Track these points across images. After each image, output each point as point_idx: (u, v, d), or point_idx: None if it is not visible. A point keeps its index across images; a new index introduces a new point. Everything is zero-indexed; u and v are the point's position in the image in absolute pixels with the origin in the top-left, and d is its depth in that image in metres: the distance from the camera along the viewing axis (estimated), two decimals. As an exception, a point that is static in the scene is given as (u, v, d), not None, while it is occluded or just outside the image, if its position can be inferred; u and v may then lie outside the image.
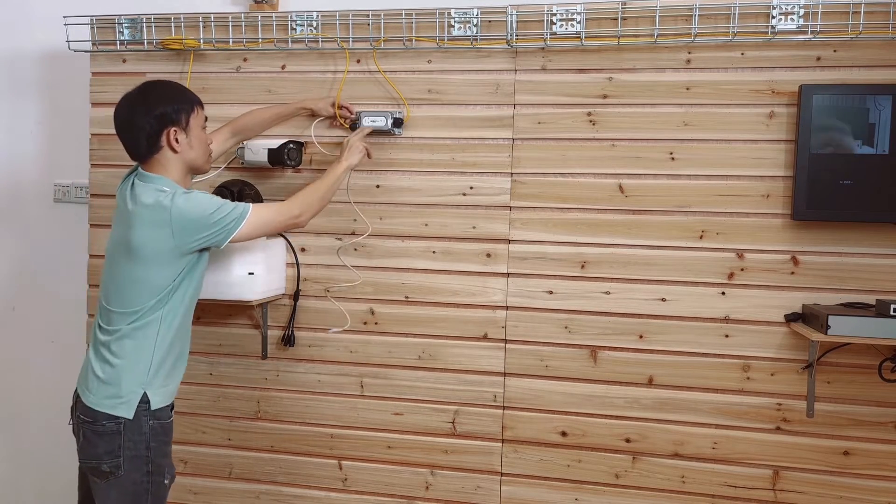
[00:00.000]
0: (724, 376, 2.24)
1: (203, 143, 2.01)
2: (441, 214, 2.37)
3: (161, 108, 1.93)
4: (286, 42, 2.42)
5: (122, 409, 1.88)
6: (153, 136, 1.92)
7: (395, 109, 2.37)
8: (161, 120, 1.92)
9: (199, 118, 2.00)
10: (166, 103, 1.94)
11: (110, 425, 1.88)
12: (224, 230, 1.91)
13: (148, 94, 1.95)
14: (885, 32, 2.10)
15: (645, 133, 2.25)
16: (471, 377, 2.38)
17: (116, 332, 1.91)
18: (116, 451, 1.88)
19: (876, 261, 2.16)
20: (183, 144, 1.95)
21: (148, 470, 1.91)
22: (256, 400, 2.52)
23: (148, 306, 1.90)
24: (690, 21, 2.19)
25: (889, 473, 2.17)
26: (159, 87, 1.99)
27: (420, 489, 2.43)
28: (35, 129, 2.89)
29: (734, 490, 2.26)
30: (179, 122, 1.94)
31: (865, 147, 2.09)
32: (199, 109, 2.01)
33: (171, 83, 2.03)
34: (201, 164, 2.02)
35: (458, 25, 2.32)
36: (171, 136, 1.93)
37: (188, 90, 2.02)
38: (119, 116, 1.95)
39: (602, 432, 2.32)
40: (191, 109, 1.97)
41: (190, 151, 1.97)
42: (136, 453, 1.89)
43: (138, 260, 1.88)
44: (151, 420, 1.91)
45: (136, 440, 1.89)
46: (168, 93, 1.97)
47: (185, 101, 1.97)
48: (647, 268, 2.27)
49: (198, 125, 1.99)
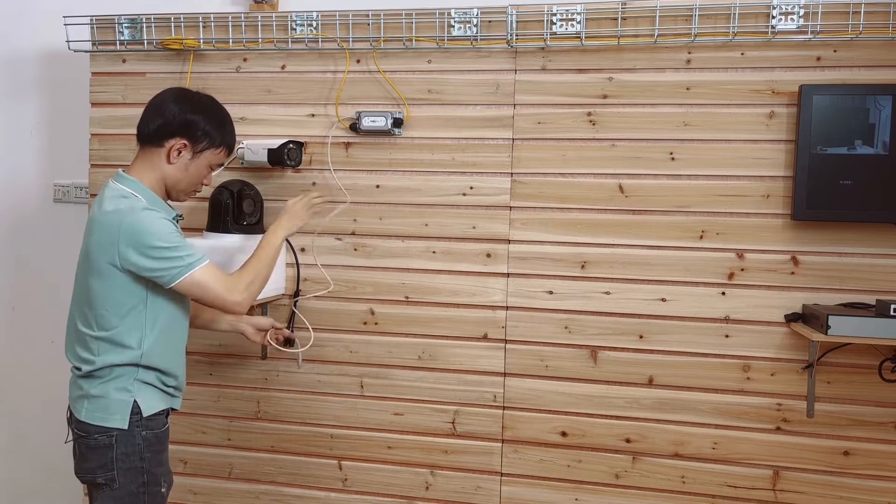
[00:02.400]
0: (724, 376, 2.24)
1: (196, 179, 1.94)
2: (441, 214, 2.37)
3: (194, 118, 1.88)
4: (286, 42, 2.42)
5: (115, 421, 1.84)
6: (165, 132, 1.87)
7: (395, 109, 2.37)
8: (184, 126, 1.87)
9: (216, 158, 1.94)
10: (203, 119, 1.89)
11: (102, 439, 1.85)
12: (169, 272, 1.80)
13: (201, 101, 1.93)
14: (885, 32, 2.10)
15: (645, 133, 2.25)
16: (471, 377, 2.38)
17: (95, 351, 1.86)
18: (109, 464, 1.84)
19: (876, 261, 2.16)
20: (180, 162, 1.89)
21: (143, 481, 1.87)
22: (256, 400, 2.52)
23: (117, 328, 1.84)
24: (690, 21, 2.19)
25: (889, 473, 2.17)
26: (214, 106, 1.96)
27: (420, 489, 2.43)
28: (35, 129, 2.89)
29: (734, 490, 2.26)
30: (196, 143, 1.89)
31: (865, 147, 2.09)
32: (224, 152, 1.95)
33: (228, 115, 1.98)
34: (178, 191, 1.94)
35: (458, 25, 2.32)
36: (177, 146, 1.87)
37: (232, 131, 1.97)
38: (161, 95, 1.92)
39: (602, 432, 2.32)
40: (216, 145, 1.92)
41: (179, 172, 1.89)
42: (130, 465, 1.85)
43: (94, 272, 1.83)
44: (145, 431, 1.87)
45: (129, 452, 1.85)
46: (213, 115, 1.93)
47: (217, 132, 1.91)
48: (647, 268, 2.27)
49: (207, 162, 1.93)
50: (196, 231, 2.45)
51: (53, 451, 2.87)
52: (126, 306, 1.85)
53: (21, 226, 2.92)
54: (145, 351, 1.87)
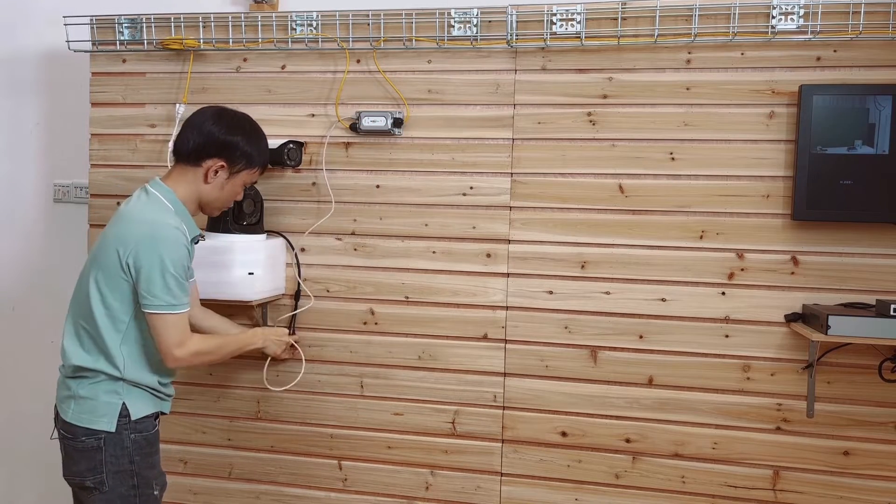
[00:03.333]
0: (724, 376, 2.24)
1: (231, 197, 2.00)
2: (441, 214, 2.37)
3: (234, 139, 1.92)
4: (286, 42, 2.42)
5: (102, 423, 1.84)
6: (203, 152, 1.91)
7: (395, 109, 2.37)
8: (223, 147, 1.91)
9: (251, 177, 2.00)
10: (242, 141, 1.93)
11: (90, 441, 1.84)
12: (153, 299, 1.82)
13: (239, 122, 1.97)
14: (885, 32, 2.10)
15: (645, 133, 2.25)
16: (471, 377, 2.38)
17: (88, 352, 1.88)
18: (98, 467, 1.84)
19: (876, 261, 2.16)
20: (217, 182, 1.93)
21: (134, 483, 1.86)
22: (256, 400, 2.52)
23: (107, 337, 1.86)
24: (690, 21, 2.19)
25: (889, 473, 2.17)
26: (252, 126, 2.00)
27: (420, 489, 2.43)
28: (35, 129, 2.89)
29: (734, 490, 2.26)
30: (233, 164, 1.93)
31: (865, 147, 2.09)
32: (259, 171, 2.01)
33: (263, 134, 2.03)
34: (212, 209, 2.02)
35: (458, 25, 2.32)
36: (215, 167, 1.91)
37: (267, 149, 2.04)
38: (201, 114, 1.96)
39: (602, 432, 2.32)
40: (253, 166, 1.97)
41: (215, 192, 1.95)
42: (119, 468, 1.85)
43: (100, 267, 1.85)
44: (133, 434, 1.86)
45: (119, 455, 1.85)
46: (251, 136, 1.97)
47: (255, 153, 1.97)
48: (647, 268, 2.27)
49: (242, 181, 1.98)
50: (196, 231, 2.46)
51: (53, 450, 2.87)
52: (114, 314, 1.86)
53: (21, 226, 2.92)
54: (127, 366, 1.88)
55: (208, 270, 2.26)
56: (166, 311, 1.83)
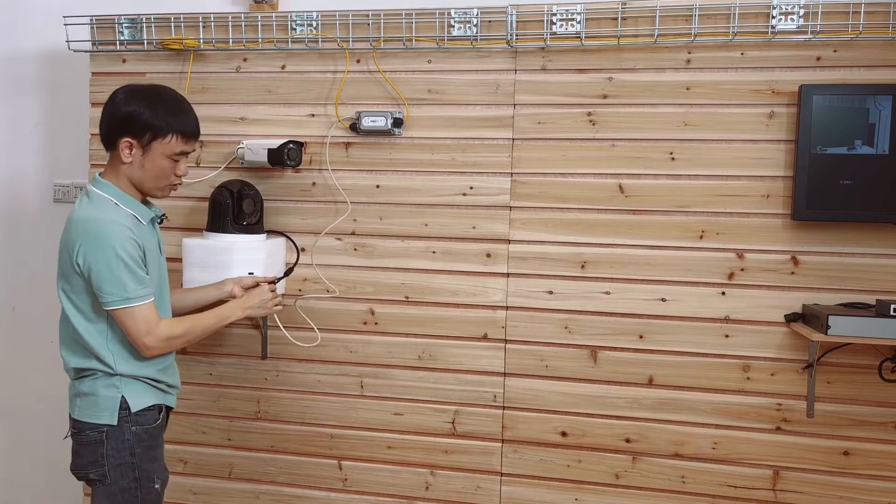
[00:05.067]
0: (724, 376, 2.24)
1: (159, 173, 1.88)
2: (441, 214, 2.37)
3: (130, 110, 1.83)
4: (286, 42, 2.42)
5: (104, 417, 1.86)
6: (112, 133, 1.85)
7: (395, 109, 2.37)
8: (124, 122, 1.83)
9: (169, 148, 1.86)
10: (142, 110, 1.83)
11: (93, 434, 1.86)
12: (110, 296, 1.80)
13: (140, 92, 1.87)
14: (885, 32, 2.10)
15: (645, 133, 2.25)
16: (471, 377, 2.38)
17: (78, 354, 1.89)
18: (100, 460, 1.86)
19: (876, 261, 2.16)
20: (134, 160, 1.85)
21: (135, 476, 1.87)
22: (256, 400, 2.52)
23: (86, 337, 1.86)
24: (690, 21, 2.19)
25: (889, 473, 2.17)
26: (154, 94, 1.88)
27: (420, 489, 2.43)
28: (35, 129, 2.89)
29: (734, 490, 2.26)
30: (140, 138, 1.84)
31: (865, 147, 2.09)
32: (175, 139, 1.86)
33: (178, 101, 1.90)
34: (148, 189, 1.91)
35: (458, 25, 2.32)
36: (124, 144, 1.84)
37: (181, 115, 1.88)
38: (111, 95, 1.90)
39: (602, 432, 2.32)
40: (161, 134, 1.84)
41: (137, 171, 1.87)
42: (121, 461, 1.86)
43: (62, 275, 1.86)
44: (134, 426, 1.87)
45: (120, 448, 1.86)
46: (153, 104, 1.85)
47: (160, 121, 1.84)
48: (647, 268, 2.27)
49: (162, 152, 1.86)
50: (196, 231, 2.46)
51: (53, 450, 2.87)
52: (88, 314, 1.87)
53: (21, 226, 2.92)
54: (118, 362, 1.88)
55: (208, 270, 2.27)
56: (123, 305, 1.81)
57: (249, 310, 2.14)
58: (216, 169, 2.48)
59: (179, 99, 1.93)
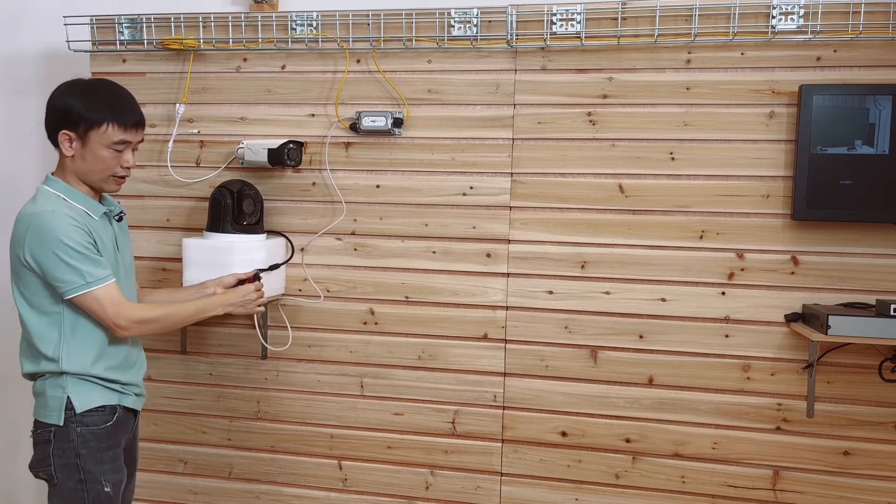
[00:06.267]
0: (724, 376, 2.24)
1: (102, 165, 1.85)
2: (441, 214, 2.37)
3: (63, 103, 1.83)
4: (286, 42, 2.42)
5: (52, 417, 1.85)
6: (51, 128, 1.85)
7: (395, 109, 2.37)
8: (59, 117, 1.83)
9: (107, 137, 1.83)
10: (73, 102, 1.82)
11: (43, 434, 1.86)
12: (69, 284, 1.78)
13: (74, 86, 1.86)
14: (885, 32, 2.10)
15: (645, 133, 2.25)
16: (471, 377, 2.38)
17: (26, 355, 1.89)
18: (47, 459, 1.85)
19: (876, 261, 2.16)
20: (75, 153, 1.84)
21: (80, 478, 1.84)
22: (256, 400, 2.52)
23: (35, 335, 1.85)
24: (690, 21, 2.19)
25: (889, 473, 2.17)
26: (88, 86, 1.88)
27: (420, 489, 2.43)
28: (35, 129, 2.88)
29: (734, 490, 2.26)
30: (75, 129, 1.82)
31: (865, 147, 2.09)
32: (112, 128, 1.83)
33: (116, 91, 1.89)
34: (94, 182, 1.88)
35: (458, 25, 2.31)
36: (62, 139, 1.83)
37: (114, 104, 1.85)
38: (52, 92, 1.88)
39: (602, 432, 2.32)
40: (96, 125, 1.82)
41: (80, 164, 1.85)
42: (65, 462, 1.84)
43: (12, 273, 1.86)
44: (80, 427, 1.84)
45: (65, 448, 1.84)
46: (85, 95, 1.84)
47: (93, 111, 1.82)
48: (647, 268, 2.27)
49: (101, 142, 1.83)
50: (196, 231, 2.46)
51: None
52: (42, 310, 1.85)
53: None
54: (63, 360, 1.85)
55: (208, 270, 2.26)
56: (83, 291, 1.79)
57: (231, 307, 2.10)
58: (216, 169, 2.48)
59: (118, 90, 1.91)
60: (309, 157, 2.44)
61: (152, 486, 2.59)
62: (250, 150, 2.40)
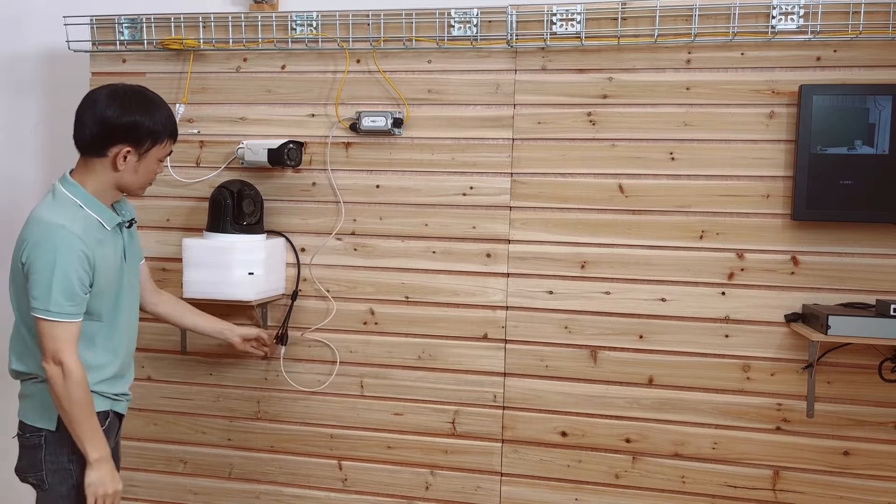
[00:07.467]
0: (724, 376, 2.24)
1: (149, 175, 1.86)
2: (441, 214, 2.37)
3: (133, 120, 1.76)
4: (286, 42, 2.42)
5: (44, 421, 1.81)
6: (105, 141, 1.77)
7: (395, 109, 2.37)
8: (125, 131, 1.76)
9: (163, 151, 1.84)
10: (143, 119, 1.77)
11: (33, 438, 1.82)
12: (36, 301, 1.72)
13: (134, 98, 1.79)
14: (885, 32, 2.10)
15: (645, 133, 2.25)
16: (471, 377, 2.38)
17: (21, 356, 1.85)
18: (39, 464, 1.82)
19: (876, 261, 2.15)
20: (128, 167, 1.79)
21: (73, 484, 1.81)
22: (256, 400, 2.52)
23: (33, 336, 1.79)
24: (690, 21, 2.19)
25: (889, 473, 2.17)
26: (148, 100, 1.81)
27: (420, 489, 2.43)
28: (35, 129, 2.89)
29: (734, 490, 2.26)
30: (140, 146, 1.78)
31: (865, 147, 2.09)
32: (169, 143, 1.85)
33: (162, 103, 1.85)
34: (134, 190, 1.87)
35: (458, 25, 2.32)
36: (122, 153, 1.77)
37: (171, 116, 1.85)
38: (92, 100, 1.79)
39: (602, 432, 2.32)
40: (159, 141, 1.81)
41: (129, 176, 1.81)
42: (58, 467, 1.81)
43: (12, 270, 1.84)
44: None
45: (59, 453, 1.81)
46: (151, 111, 1.79)
47: (159, 128, 1.80)
48: (647, 268, 2.27)
49: (156, 157, 1.83)
50: (196, 231, 2.46)
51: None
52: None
53: (21, 226, 2.91)
54: None
55: (208, 270, 2.27)
56: (43, 316, 1.72)
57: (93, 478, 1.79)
58: (216, 169, 2.48)
59: (160, 99, 1.87)
60: (309, 157, 2.44)
61: (152, 486, 2.59)
62: (250, 150, 2.40)
